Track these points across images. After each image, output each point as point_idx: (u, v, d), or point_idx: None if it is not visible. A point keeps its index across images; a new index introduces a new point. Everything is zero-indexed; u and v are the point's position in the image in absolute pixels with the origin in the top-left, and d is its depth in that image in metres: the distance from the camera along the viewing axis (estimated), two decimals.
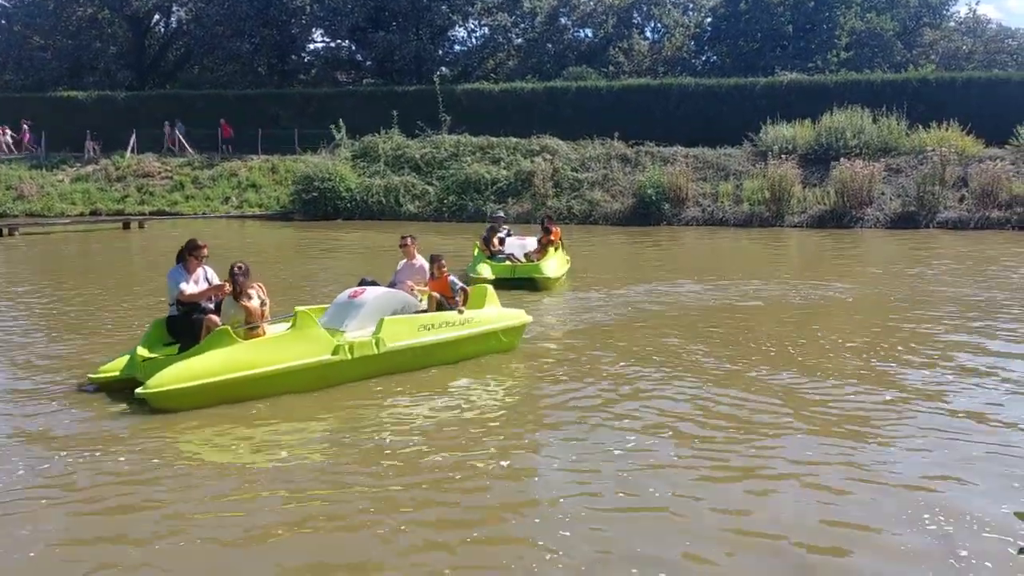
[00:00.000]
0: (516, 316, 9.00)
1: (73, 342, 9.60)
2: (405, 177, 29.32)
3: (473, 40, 45.03)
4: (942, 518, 4.79)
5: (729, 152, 28.35)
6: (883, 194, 25.03)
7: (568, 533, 4.64)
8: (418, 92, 34.64)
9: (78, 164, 33.39)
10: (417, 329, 8.05)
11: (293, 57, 44.65)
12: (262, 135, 33.51)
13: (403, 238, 9.58)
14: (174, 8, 46.23)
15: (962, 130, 25.80)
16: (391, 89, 36.18)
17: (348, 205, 28.44)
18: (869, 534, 4.61)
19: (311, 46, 45.43)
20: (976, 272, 15.11)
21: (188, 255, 7.99)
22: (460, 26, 43.42)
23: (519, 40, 43.52)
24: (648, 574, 4.22)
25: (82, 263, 18.04)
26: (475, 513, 4.97)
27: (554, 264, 13.90)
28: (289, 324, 7.64)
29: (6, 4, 46.19)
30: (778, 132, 27.60)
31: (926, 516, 4.83)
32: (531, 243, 14.58)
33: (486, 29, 43.40)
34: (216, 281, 7.98)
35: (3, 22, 46.24)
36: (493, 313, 8.80)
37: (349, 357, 7.49)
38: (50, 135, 34.80)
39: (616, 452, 5.91)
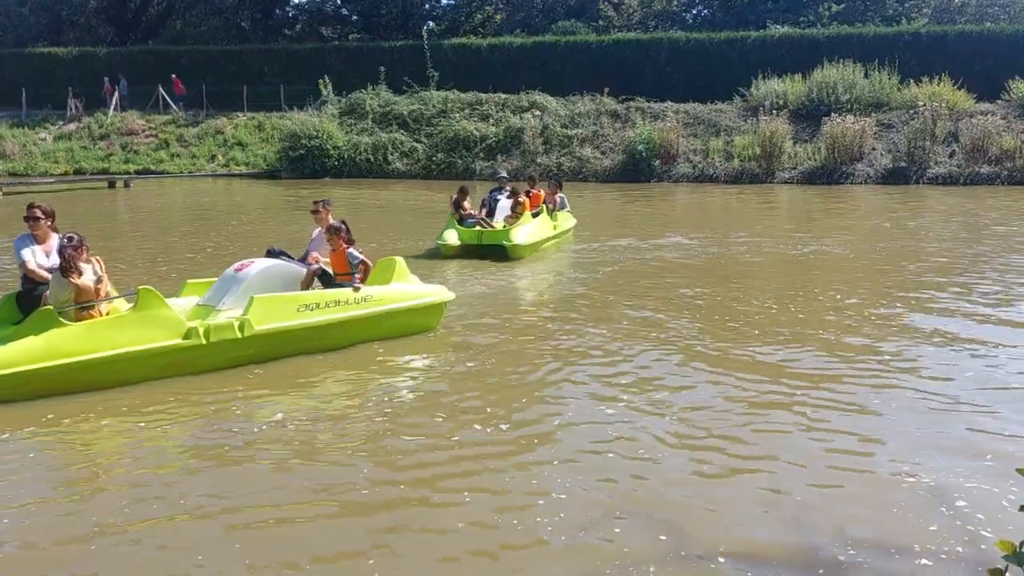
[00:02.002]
0: (431, 293, 7.97)
1: None
2: (393, 134, 29.02)
3: None
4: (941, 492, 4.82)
5: (720, 108, 28.14)
6: (874, 149, 24.97)
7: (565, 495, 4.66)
8: (405, 47, 34.13)
9: (60, 122, 32.86)
10: (296, 309, 7.03)
11: (277, 12, 43.83)
12: (247, 92, 33.01)
13: (315, 203, 8.57)
14: None
15: (954, 84, 25.66)
16: (377, 44, 35.62)
17: (336, 163, 28.19)
18: (871, 510, 4.58)
19: (295, 0, 44.60)
20: (968, 228, 15.16)
21: (27, 221, 6.88)
22: None
23: None
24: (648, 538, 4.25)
25: (67, 224, 17.83)
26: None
27: (526, 231, 12.30)
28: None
29: None
30: (769, 87, 27.39)
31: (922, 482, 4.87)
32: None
33: None
34: None
35: None
36: (402, 290, 7.79)
37: (203, 342, 6.56)
38: (31, 93, 34.13)
39: (608, 427, 5.93)
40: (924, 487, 4.63)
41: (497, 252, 11.90)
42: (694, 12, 42.33)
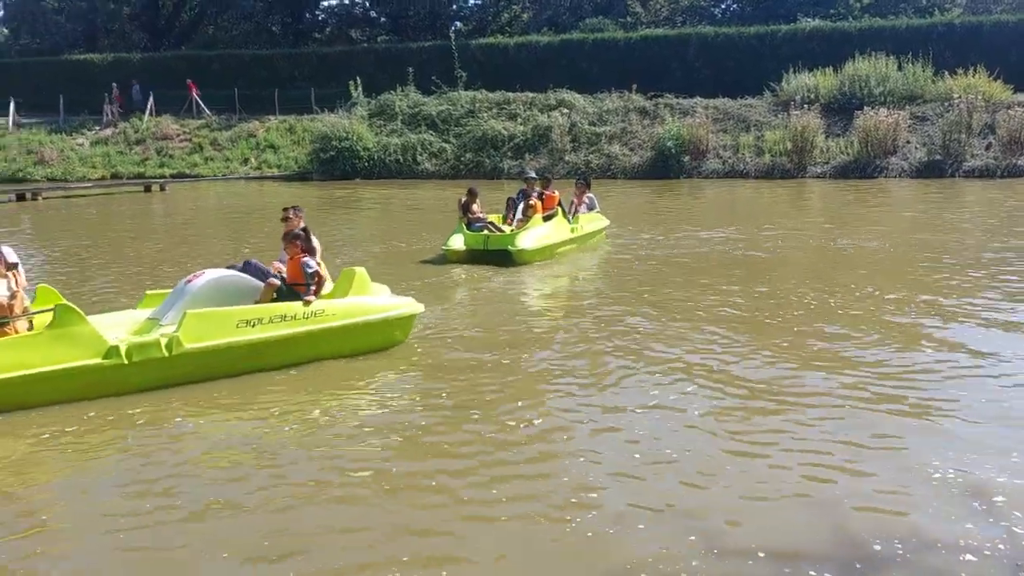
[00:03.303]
0: (394, 306, 7.37)
1: None
2: (422, 135, 29.18)
3: None
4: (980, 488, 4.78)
5: (750, 103, 27.90)
6: (908, 143, 24.60)
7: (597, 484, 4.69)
8: (433, 48, 34.28)
9: (97, 128, 33.49)
10: (236, 325, 6.50)
11: (307, 15, 44.25)
12: (278, 95, 33.40)
13: (285, 210, 8.01)
14: None
15: (989, 76, 25.18)
16: (406, 46, 35.82)
17: (366, 164, 28.42)
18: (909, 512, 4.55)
19: (325, 3, 45.12)
20: (1009, 221, 14.90)
21: None
22: None
23: None
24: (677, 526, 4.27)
25: (103, 228, 18.19)
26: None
27: (534, 235, 11.62)
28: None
29: None
30: (800, 81, 27.09)
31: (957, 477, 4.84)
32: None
33: None
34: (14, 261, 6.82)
35: None
36: (359, 303, 7.21)
37: (124, 362, 6.13)
38: (68, 99, 34.81)
39: (639, 410, 5.94)
40: (961, 483, 4.57)
41: (503, 257, 11.37)
42: (723, 7, 41.99)
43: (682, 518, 4.27)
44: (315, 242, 7.64)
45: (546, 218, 12.24)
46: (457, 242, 11.69)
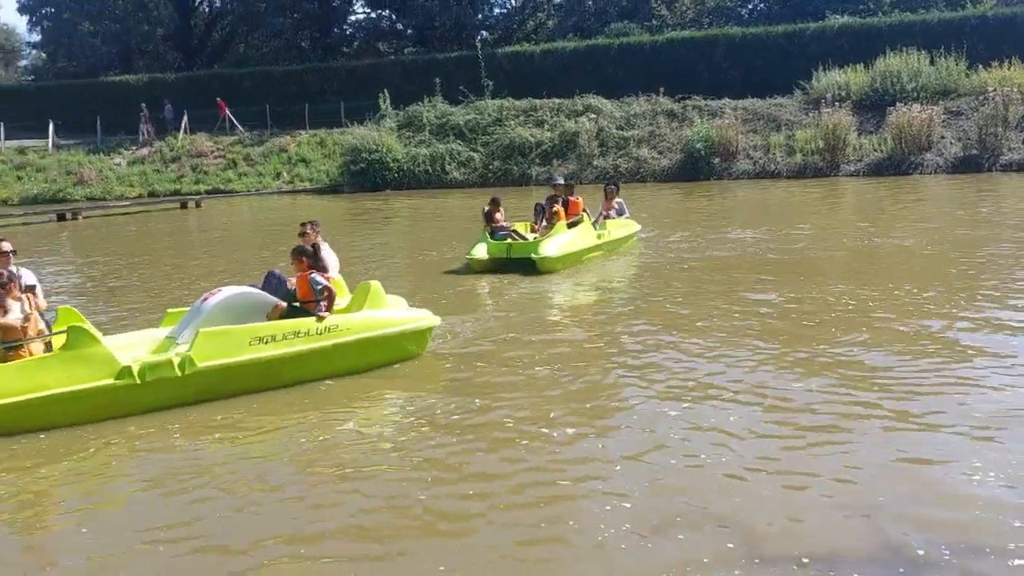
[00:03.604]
0: (410, 319, 7.30)
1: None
2: (450, 145, 29.36)
3: (512, 2, 44.57)
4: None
5: (780, 102, 27.67)
6: (943, 138, 24.20)
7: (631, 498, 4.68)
8: (459, 58, 34.50)
9: (134, 147, 34.20)
10: (249, 343, 6.49)
11: (335, 30, 44.79)
12: (309, 110, 33.84)
13: (302, 225, 7.90)
14: None
15: None
16: (432, 57, 36.10)
17: (395, 175, 28.68)
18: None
19: (352, 18, 45.58)
20: None
21: None
22: None
23: None
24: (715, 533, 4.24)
25: (143, 244, 18.55)
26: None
27: (558, 242, 11.51)
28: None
29: None
30: (830, 79, 26.81)
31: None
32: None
33: None
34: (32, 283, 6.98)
35: (53, 10, 47.29)
36: (374, 317, 7.13)
37: (137, 382, 6.12)
38: (104, 120, 35.61)
39: (672, 414, 5.92)
40: (1010, 492, 4.46)
41: (527, 265, 11.28)
42: (750, 7, 41.70)
43: (720, 527, 4.22)
44: (331, 257, 7.60)
45: (571, 224, 12.10)
46: (480, 251, 11.66)
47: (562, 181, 13.86)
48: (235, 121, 34.82)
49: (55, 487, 5.25)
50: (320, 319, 6.81)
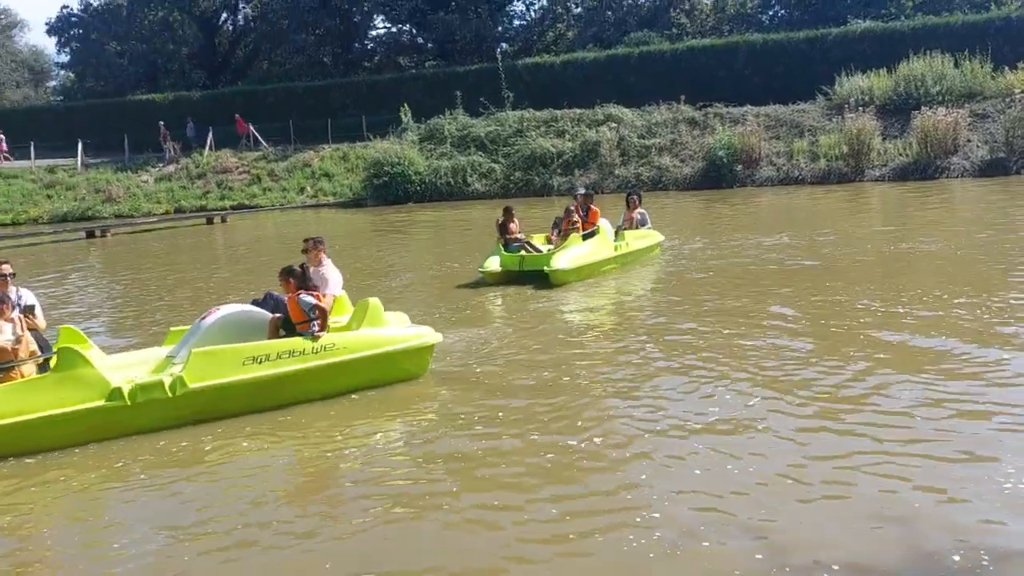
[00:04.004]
0: (409, 337, 7.10)
1: None
2: (471, 156, 29.48)
3: (532, 13, 44.84)
4: None
5: (802, 108, 27.51)
6: (969, 141, 23.91)
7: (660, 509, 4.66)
8: (480, 71, 34.70)
9: (160, 164, 34.72)
10: (242, 363, 6.38)
11: (356, 45, 45.23)
12: (331, 125, 34.17)
13: (305, 242, 7.78)
14: (240, 5, 47.41)
15: None
16: (453, 70, 36.32)
17: (418, 188, 28.83)
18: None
19: (373, 33, 45.99)
20: None
21: None
22: (518, 0, 43.26)
23: (578, 9, 43.02)
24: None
25: (168, 260, 18.78)
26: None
27: (571, 254, 11.29)
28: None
29: (83, 15, 48.14)
30: (853, 84, 26.62)
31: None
32: (605, 223, 12.33)
33: (544, 1, 43.07)
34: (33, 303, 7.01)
35: (81, 31, 48.27)
36: (371, 336, 6.94)
37: (127, 403, 6.06)
38: (132, 138, 36.20)
39: (710, 415, 5.88)
40: None
41: (540, 277, 11.10)
42: (771, 13, 41.56)
43: (751, 534, 4.18)
44: (333, 273, 7.52)
45: (587, 235, 11.88)
46: (493, 264, 11.52)
47: (584, 191, 13.73)
48: (259, 137, 35.23)
49: (43, 514, 5.14)
50: (315, 338, 6.69)
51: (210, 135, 35.06)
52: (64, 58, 51.99)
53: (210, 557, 4.37)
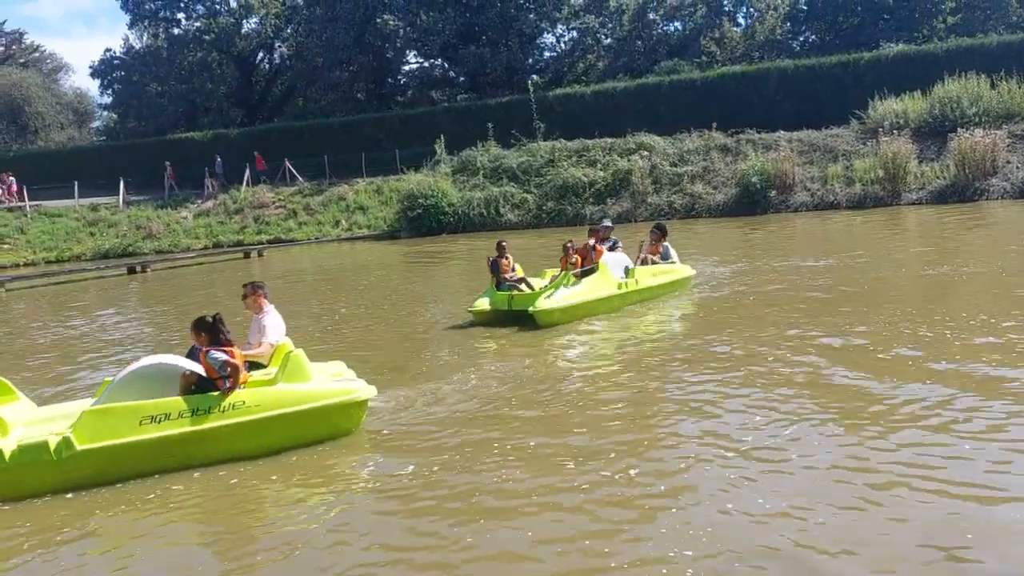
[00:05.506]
0: (331, 393, 6.40)
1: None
2: (504, 187, 29.69)
3: (562, 45, 45.24)
4: None
5: (836, 132, 27.33)
6: (1009, 163, 23.52)
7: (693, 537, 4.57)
8: (511, 102, 35.09)
9: (199, 201, 35.48)
10: (139, 422, 5.80)
11: (389, 80, 46.06)
12: (365, 159, 34.70)
13: (244, 287, 7.29)
14: (276, 45, 48.60)
15: None
16: (484, 102, 36.77)
17: (451, 219, 29.07)
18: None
19: (406, 68, 46.79)
20: None
21: None
22: (548, 32, 43.80)
23: (608, 40, 43.39)
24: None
25: (205, 294, 19.07)
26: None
27: (560, 295, 10.46)
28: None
29: (126, 57, 49.67)
30: (887, 107, 26.43)
31: None
32: (623, 258, 11.71)
33: (574, 33, 43.54)
34: None
35: (123, 73, 49.77)
36: (290, 391, 6.29)
37: (7, 465, 5.55)
38: (174, 175, 37.13)
39: (749, 435, 5.78)
40: None
41: (529, 317, 10.34)
42: (801, 39, 41.53)
43: (790, 562, 4.11)
44: (273, 319, 7.11)
45: (585, 273, 11.14)
46: (483, 303, 10.96)
47: (609, 224, 13.28)
48: (295, 172, 35.88)
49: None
50: (223, 395, 6.12)
51: (247, 171, 35.77)
52: (107, 99, 53.70)
53: None
